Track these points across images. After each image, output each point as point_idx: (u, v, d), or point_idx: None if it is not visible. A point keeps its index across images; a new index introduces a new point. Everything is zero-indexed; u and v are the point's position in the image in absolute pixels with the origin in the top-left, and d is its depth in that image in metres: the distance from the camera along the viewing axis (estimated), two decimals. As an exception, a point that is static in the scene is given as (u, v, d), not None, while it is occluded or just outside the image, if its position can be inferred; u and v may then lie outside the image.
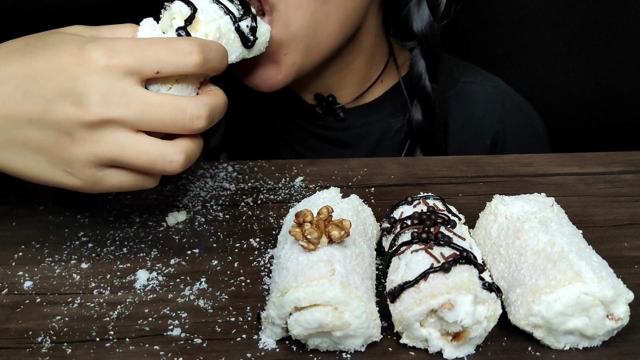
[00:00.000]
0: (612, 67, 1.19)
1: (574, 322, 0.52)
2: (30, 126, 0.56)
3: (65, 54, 0.55)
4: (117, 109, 0.55)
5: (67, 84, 0.54)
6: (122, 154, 0.56)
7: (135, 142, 0.56)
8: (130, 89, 0.55)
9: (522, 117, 1.05)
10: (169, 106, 0.56)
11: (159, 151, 0.57)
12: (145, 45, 0.56)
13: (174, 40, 0.57)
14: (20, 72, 0.56)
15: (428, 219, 0.59)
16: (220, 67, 0.60)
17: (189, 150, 0.58)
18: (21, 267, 0.64)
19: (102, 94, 0.54)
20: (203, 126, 0.58)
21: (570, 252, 0.54)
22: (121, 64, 0.55)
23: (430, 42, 0.92)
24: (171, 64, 0.56)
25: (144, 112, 0.55)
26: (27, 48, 0.58)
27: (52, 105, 0.55)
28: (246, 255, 0.67)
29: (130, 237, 0.69)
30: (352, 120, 1.00)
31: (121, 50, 0.55)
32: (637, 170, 0.82)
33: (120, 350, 0.54)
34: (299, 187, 0.79)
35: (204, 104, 0.58)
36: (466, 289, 0.51)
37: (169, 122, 0.56)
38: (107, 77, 0.54)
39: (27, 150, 0.58)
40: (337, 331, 0.51)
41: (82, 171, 0.57)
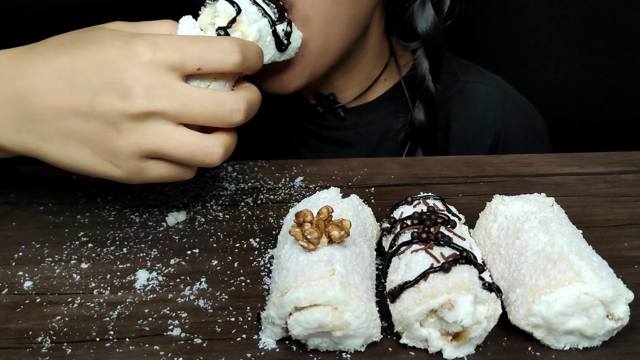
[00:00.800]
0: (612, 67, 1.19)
1: (574, 322, 0.52)
2: (77, 117, 0.58)
3: (111, 48, 0.57)
4: (161, 102, 0.57)
5: (114, 77, 0.57)
6: (165, 146, 0.58)
7: (177, 134, 0.58)
8: (173, 82, 0.57)
9: (524, 117, 1.05)
10: (210, 99, 0.58)
11: (200, 144, 0.59)
12: (189, 43, 0.58)
13: (216, 39, 0.60)
14: (67, 65, 0.58)
15: (428, 219, 0.59)
16: (256, 67, 0.63)
17: (227, 144, 0.61)
18: (21, 267, 0.64)
19: (146, 87, 0.56)
20: (241, 119, 0.60)
21: (570, 252, 0.54)
22: (165, 59, 0.57)
23: (435, 42, 0.93)
24: (213, 62, 0.58)
25: (186, 104, 0.58)
26: (74, 42, 0.59)
27: (99, 97, 0.57)
28: (246, 255, 0.67)
29: (130, 237, 0.69)
30: (352, 120, 1.00)
31: (165, 46, 0.57)
32: (637, 170, 0.82)
33: (120, 350, 0.54)
34: (299, 187, 0.79)
35: (242, 98, 0.60)
36: (466, 289, 0.51)
37: (210, 115, 0.58)
38: (151, 71, 0.57)
39: (73, 141, 0.59)
40: (337, 331, 0.51)
41: (126, 162, 0.59)
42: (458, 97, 1.01)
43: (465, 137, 1.01)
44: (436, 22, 0.92)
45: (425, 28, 0.92)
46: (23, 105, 0.59)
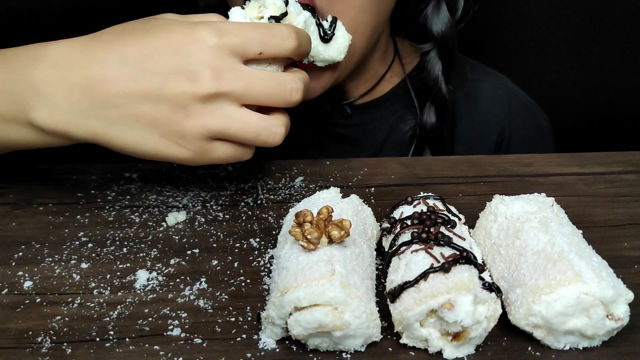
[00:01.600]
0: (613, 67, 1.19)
1: (574, 322, 0.52)
2: (147, 101, 0.60)
3: (177, 34, 0.60)
4: (228, 83, 0.60)
5: (181, 61, 0.59)
6: (231, 126, 0.61)
7: (241, 115, 0.62)
8: (237, 65, 0.61)
9: (529, 115, 1.05)
10: (271, 80, 0.62)
11: (264, 123, 0.62)
12: (251, 29, 0.61)
13: (275, 25, 0.64)
14: (136, 51, 0.60)
15: (428, 219, 0.59)
16: (307, 53, 0.66)
17: (287, 124, 0.65)
18: (21, 267, 0.64)
19: (213, 69, 0.59)
20: (300, 98, 0.63)
21: (570, 252, 0.54)
22: (230, 43, 0.60)
23: (449, 44, 0.93)
24: (273, 47, 0.62)
25: (250, 85, 0.61)
26: (138, 30, 0.62)
27: (168, 81, 0.60)
28: (246, 255, 0.67)
29: (130, 237, 0.69)
30: (359, 117, 1.00)
31: (229, 31, 0.60)
32: (637, 170, 0.82)
33: (120, 350, 0.54)
34: (299, 187, 0.79)
35: (300, 78, 0.64)
36: (466, 289, 0.51)
37: (272, 94, 0.62)
38: (217, 54, 0.59)
39: (141, 124, 0.61)
40: (337, 331, 0.51)
41: (192, 143, 0.62)
42: (464, 95, 1.01)
43: (471, 135, 1.01)
44: (451, 24, 0.92)
45: (440, 30, 0.92)
46: (93, 92, 0.60)
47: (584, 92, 1.22)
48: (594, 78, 1.21)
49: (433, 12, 0.92)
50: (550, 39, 1.19)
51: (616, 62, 1.19)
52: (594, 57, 1.19)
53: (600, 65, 1.20)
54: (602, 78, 1.20)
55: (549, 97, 1.20)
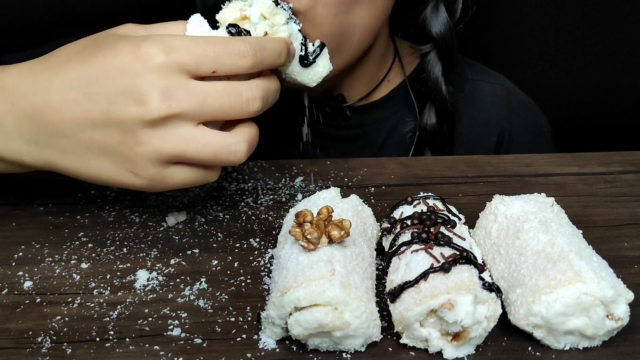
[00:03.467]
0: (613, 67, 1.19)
1: (574, 322, 0.52)
2: (95, 128, 0.57)
3: (122, 53, 0.56)
4: (178, 103, 0.55)
5: (127, 82, 0.55)
6: (187, 148, 0.57)
7: (198, 135, 0.57)
8: (187, 82, 0.56)
9: (528, 116, 1.05)
10: (225, 92, 0.57)
11: (223, 142, 0.58)
12: (204, 45, 0.56)
13: (231, 41, 0.58)
14: (81, 75, 0.57)
15: (428, 219, 0.59)
16: (276, 64, 0.61)
17: (250, 139, 0.60)
18: (21, 267, 0.64)
19: (161, 90, 0.55)
20: (259, 107, 0.59)
21: (570, 252, 0.54)
22: (179, 61, 0.55)
23: (449, 45, 0.93)
24: (227, 65, 0.57)
25: (203, 101, 0.56)
26: (86, 50, 0.58)
27: (115, 105, 0.55)
28: (246, 255, 0.67)
29: (130, 237, 0.69)
30: (358, 119, 1.00)
31: (179, 47, 0.56)
32: (637, 170, 0.82)
33: (120, 350, 0.54)
34: (299, 187, 0.79)
35: (258, 86, 0.59)
36: (466, 289, 0.51)
37: (228, 107, 0.57)
38: (164, 73, 0.55)
39: (92, 152, 0.58)
40: (337, 331, 0.51)
41: (147, 170, 0.58)
42: (463, 96, 1.01)
43: (471, 135, 1.01)
44: (450, 25, 0.92)
45: (439, 31, 0.92)
46: (40, 120, 0.58)
47: (584, 92, 1.22)
48: (594, 78, 1.20)
49: (432, 13, 0.92)
50: (550, 39, 1.19)
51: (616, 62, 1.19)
52: (594, 57, 1.19)
53: (600, 65, 1.20)
54: (602, 78, 1.20)
55: (549, 97, 1.20)
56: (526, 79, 1.15)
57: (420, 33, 0.95)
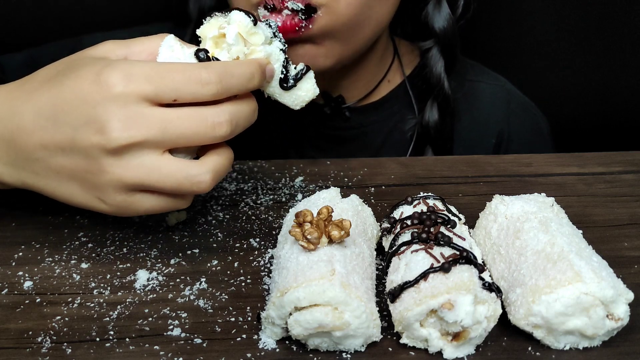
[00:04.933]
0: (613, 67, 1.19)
1: (574, 322, 0.52)
2: (63, 154, 0.57)
3: (85, 82, 0.56)
4: (139, 132, 0.55)
5: (89, 111, 0.55)
6: (149, 178, 0.56)
7: (160, 164, 0.56)
8: (148, 110, 0.55)
9: (528, 117, 1.05)
10: (188, 118, 0.56)
11: (185, 172, 0.56)
12: (164, 73, 0.55)
13: (193, 68, 0.56)
14: (49, 102, 0.57)
15: (428, 219, 0.59)
16: (247, 89, 0.59)
17: (217, 168, 0.58)
18: (21, 267, 0.64)
19: (121, 119, 0.54)
20: (226, 132, 0.57)
21: (570, 252, 0.54)
22: (137, 90, 0.55)
23: (452, 41, 0.93)
24: (188, 94, 0.55)
25: (165, 128, 0.55)
26: (57, 77, 0.58)
27: (78, 133, 0.56)
28: (246, 255, 0.67)
29: (130, 237, 0.69)
30: (358, 119, 1.00)
31: (139, 76, 0.55)
32: (637, 170, 0.82)
33: (120, 350, 0.54)
34: (299, 187, 0.79)
35: (224, 110, 0.57)
36: (466, 289, 0.51)
37: (191, 133, 0.56)
38: (124, 102, 0.54)
39: (63, 178, 0.59)
40: (337, 331, 0.51)
41: (112, 197, 0.58)
42: (463, 96, 1.01)
43: (470, 136, 1.01)
44: (453, 21, 0.92)
45: (442, 26, 0.92)
46: (16, 144, 0.59)
47: (584, 92, 1.22)
48: (594, 78, 1.20)
49: (434, 9, 0.93)
50: (550, 39, 1.19)
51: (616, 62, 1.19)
52: (594, 57, 1.19)
53: (600, 65, 1.19)
54: (602, 78, 1.20)
55: (549, 97, 1.20)
56: (526, 79, 1.15)
57: (421, 30, 0.95)
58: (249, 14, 0.62)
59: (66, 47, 1.02)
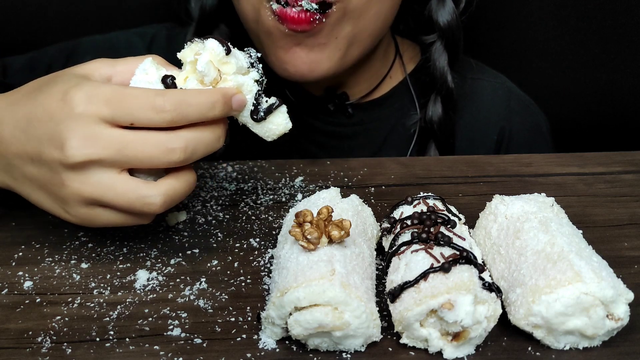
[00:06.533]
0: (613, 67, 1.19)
1: (574, 322, 0.52)
2: (33, 165, 0.60)
3: (54, 99, 0.58)
4: (95, 151, 0.57)
5: (54, 128, 0.58)
6: (104, 195, 0.59)
7: (116, 182, 0.58)
8: (106, 131, 0.57)
9: (528, 115, 1.06)
10: (143, 141, 0.58)
11: (138, 193, 0.59)
12: (122, 97, 0.57)
13: (150, 95, 0.58)
14: (25, 115, 0.60)
15: (428, 219, 0.59)
16: (207, 117, 0.60)
17: (170, 192, 0.60)
18: (21, 267, 0.64)
19: (80, 137, 0.57)
20: (179, 158, 0.58)
21: (570, 252, 0.54)
22: (97, 111, 0.57)
23: (455, 34, 0.94)
24: (144, 119, 0.57)
25: (120, 150, 0.57)
26: (35, 91, 0.61)
27: (44, 147, 0.58)
28: (246, 255, 0.67)
29: (130, 237, 0.69)
30: (359, 116, 1.00)
31: (99, 98, 0.57)
32: (637, 170, 0.82)
33: (120, 350, 0.54)
34: (299, 187, 0.79)
35: (180, 137, 0.59)
36: (466, 289, 0.51)
37: (145, 157, 0.58)
38: (84, 122, 0.57)
39: (34, 186, 0.62)
40: (337, 331, 0.51)
41: (75, 209, 0.60)
42: (464, 94, 1.02)
43: (471, 133, 1.02)
44: (456, 14, 0.93)
45: (446, 20, 0.93)
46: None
47: (584, 92, 1.22)
48: (594, 78, 1.20)
49: (438, 3, 0.93)
50: (550, 38, 1.19)
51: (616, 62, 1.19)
52: (594, 57, 1.19)
53: (600, 65, 1.19)
54: (602, 78, 1.20)
55: (549, 97, 1.20)
56: (526, 78, 1.15)
57: (423, 25, 0.96)
58: (223, 42, 0.63)
59: (66, 49, 1.02)
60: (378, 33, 0.90)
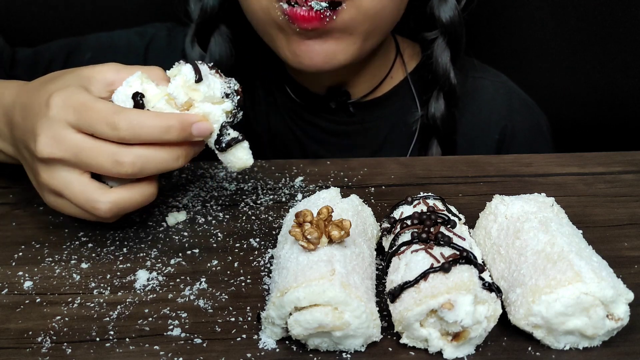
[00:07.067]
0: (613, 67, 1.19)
1: (574, 322, 0.52)
2: (25, 150, 0.66)
3: (42, 98, 0.64)
4: (58, 151, 0.62)
5: (34, 123, 0.63)
6: (63, 191, 0.63)
7: (74, 182, 0.63)
8: (70, 135, 0.62)
9: (529, 114, 1.06)
10: (97, 151, 0.62)
11: (87, 196, 0.63)
12: (87, 109, 0.62)
13: (110, 112, 0.61)
14: (25, 106, 0.66)
15: (428, 219, 0.59)
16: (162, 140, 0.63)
17: (119, 201, 0.63)
18: (21, 267, 0.65)
19: (48, 137, 0.62)
20: (127, 172, 0.62)
21: (570, 252, 0.54)
22: (65, 117, 0.62)
23: (458, 30, 0.94)
24: (101, 133, 0.61)
25: (77, 154, 0.62)
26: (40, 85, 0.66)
27: (27, 138, 0.64)
28: (246, 255, 0.67)
29: (130, 237, 0.69)
30: (361, 115, 1.01)
31: (70, 105, 0.62)
32: (637, 170, 0.82)
33: (120, 350, 0.54)
34: (299, 187, 0.79)
35: (132, 152, 0.62)
36: (466, 289, 0.51)
37: (97, 165, 0.62)
38: (55, 124, 0.62)
39: (27, 167, 0.68)
40: (337, 331, 0.51)
41: (46, 196, 0.66)
42: (465, 92, 1.02)
43: (473, 132, 1.02)
44: (458, 10, 0.93)
45: (448, 16, 0.93)
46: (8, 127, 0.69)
47: (584, 92, 1.22)
48: (594, 78, 1.20)
49: (440, 1, 0.93)
50: (550, 39, 1.19)
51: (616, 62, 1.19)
52: (594, 57, 1.19)
53: (600, 66, 1.19)
54: (602, 78, 1.20)
55: (549, 97, 1.20)
56: (526, 78, 1.15)
57: (424, 23, 0.96)
58: (197, 71, 0.65)
59: (68, 46, 1.03)
60: (389, 28, 0.91)
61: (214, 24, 0.95)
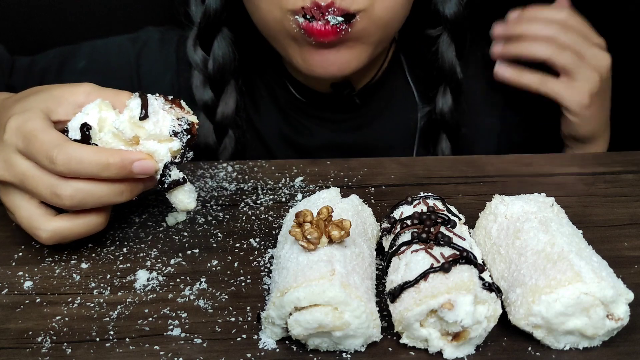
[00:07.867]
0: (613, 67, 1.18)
1: (574, 322, 0.52)
2: None
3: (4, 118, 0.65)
4: (8, 175, 0.63)
5: None
6: (14, 212, 0.65)
7: (21, 205, 0.64)
8: (18, 160, 0.62)
9: None
10: (39, 179, 0.62)
11: (30, 223, 0.63)
12: (34, 139, 0.62)
13: (50, 145, 0.61)
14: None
15: (428, 219, 0.59)
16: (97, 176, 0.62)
17: (59, 230, 0.63)
18: (21, 267, 0.65)
19: (1, 159, 0.63)
20: (64, 204, 0.62)
21: (570, 252, 0.54)
22: (15, 142, 0.62)
23: (462, 26, 0.94)
24: (41, 163, 0.61)
25: (21, 180, 0.62)
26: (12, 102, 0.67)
27: None
28: (246, 255, 0.67)
29: (130, 237, 0.69)
30: (364, 113, 1.01)
31: (20, 132, 0.62)
32: (637, 170, 0.82)
33: (120, 350, 0.54)
34: (299, 187, 0.79)
35: (70, 186, 0.61)
36: (466, 289, 0.51)
37: (38, 194, 0.62)
38: (7, 147, 0.63)
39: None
40: (337, 331, 0.51)
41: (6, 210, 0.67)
42: None
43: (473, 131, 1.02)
44: (462, 5, 0.93)
45: (453, 12, 0.93)
46: None
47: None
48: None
49: None
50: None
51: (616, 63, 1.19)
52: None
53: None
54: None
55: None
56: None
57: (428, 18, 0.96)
58: (145, 107, 0.63)
59: (62, 55, 1.03)
60: (397, 31, 0.92)
61: (216, 27, 0.95)
